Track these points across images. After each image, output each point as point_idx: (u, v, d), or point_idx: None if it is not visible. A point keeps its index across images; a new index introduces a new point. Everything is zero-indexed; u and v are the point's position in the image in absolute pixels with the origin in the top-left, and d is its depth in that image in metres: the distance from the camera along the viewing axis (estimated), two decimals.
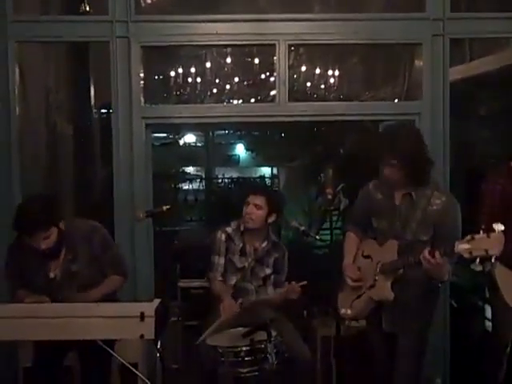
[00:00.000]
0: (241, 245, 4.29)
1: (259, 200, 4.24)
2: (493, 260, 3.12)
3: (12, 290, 3.81)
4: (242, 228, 4.30)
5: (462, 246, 3.12)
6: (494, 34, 4.99)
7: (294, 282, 4.07)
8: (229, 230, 4.32)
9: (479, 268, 3.15)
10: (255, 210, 4.23)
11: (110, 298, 3.74)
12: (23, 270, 3.77)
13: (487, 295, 4.56)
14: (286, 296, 4.07)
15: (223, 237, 4.29)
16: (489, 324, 4.85)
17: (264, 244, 4.33)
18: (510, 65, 5.08)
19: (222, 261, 4.27)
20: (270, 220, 4.30)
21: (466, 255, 3.12)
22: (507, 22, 4.86)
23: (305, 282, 4.01)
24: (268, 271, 4.33)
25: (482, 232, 3.09)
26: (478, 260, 3.10)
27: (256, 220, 4.25)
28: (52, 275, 3.74)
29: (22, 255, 3.72)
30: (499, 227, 3.08)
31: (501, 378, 3.95)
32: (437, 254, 3.24)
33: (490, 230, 3.08)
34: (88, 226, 3.86)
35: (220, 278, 4.26)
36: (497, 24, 4.87)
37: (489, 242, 3.06)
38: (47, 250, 3.60)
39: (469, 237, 3.13)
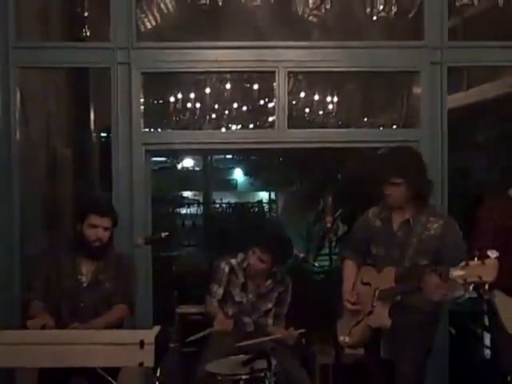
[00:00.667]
0: (242, 280, 4.28)
1: (265, 256, 4.19)
2: (487, 287, 3.13)
3: (28, 298, 3.87)
4: (245, 265, 4.29)
5: (456, 273, 3.13)
6: (491, 63, 5.04)
7: (292, 328, 4.10)
8: (233, 262, 4.31)
9: (474, 295, 3.15)
10: (259, 263, 4.21)
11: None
12: (52, 273, 3.88)
13: (486, 322, 4.55)
14: (283, 340, 4.08)
15: (227, 268, 4.28)
16: (488, 352, 4.84)
17: (268, 282, 4.32)
18: (507, 93, 5.12)
19: (220, 291, 4.27)
20: (275, 269, 4.30)
21: (461, 281, 3.13)
22: (504, 50, 4.91)
23: (303, 330, 4.01)
24: (270, 305, 4.33)
25: (476, 259, 3.11)
26: (472, 287, 3.11)
27: (259, 271, 4.25)
28: (83, 279, 3.88)
29: (54, 259, 3.92)
30: (494, 254, 3.10)
31: None
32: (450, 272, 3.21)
33: (484, 256, 3.09)
34: (121, 251, 4.16)
35: (216, 305, 4.26)
36: (493, 53, 4.92)
37: (483, 268, 3.07)
38: (97, 242, 3.83)
39: (463, 263, 3.14)
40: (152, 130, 5.05)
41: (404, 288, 3.52)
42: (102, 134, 6.51)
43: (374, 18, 4.93)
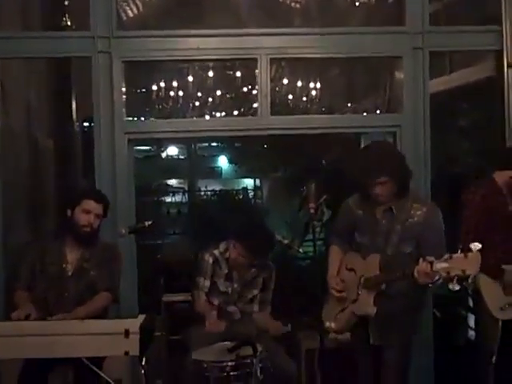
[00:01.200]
0: (226, 270, 4.28)
1: (245, 252, 4.18)
2: (470, 280, 3.16)
3: (13, 287, 3.91)
4: (227, 255, 4.29)
5: (440, 265, 3.16)
6: (473, 47, 5.07)
7: (279, 323, 4.12)
8: (216, 252, 4.30)
9: (457, 287, 3.18)
10: (241, 257, 4.20)
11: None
12: (37, 262, 3.90)
13: (471, 304, 4.60)
14: (269, 330, 4.11)
15: (211, 260, 4.27)
16: (472, 333, 4.89)
17: (252, 270, 4.33)
18: (489, 77, 5.13)
19: (207, 283, 4.26)
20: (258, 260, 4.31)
21: (444, 274, 3.16)
22: (485, 35, 4.94)
23: (289, 329, 4.04)
24: (255, 292, 4.34)
25: (459, 251, 3.14)
26: (455, 279, 3.14)
27: (242, 264, 4.25)
28: (68, 267, 3.90)
29: (40, 248, 3.97)
30: (476, 247, 3.13)
31: None
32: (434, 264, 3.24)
33: (467, 249, 3.13)
34: (107, 240, 4.21)
35: (204, 298, 4.26)
36: (475, 37, 4.95)
37: (466, 262, 3.11)
38: (88, 228, 3.88)
39: (447, 256, 3.16)
40: (135, 118, 5.03)
41: (389, 277, 3.55)
42: (85, 124, 6.47)
43: (357, 3, 4.93)
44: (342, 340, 4.18)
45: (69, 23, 5.56)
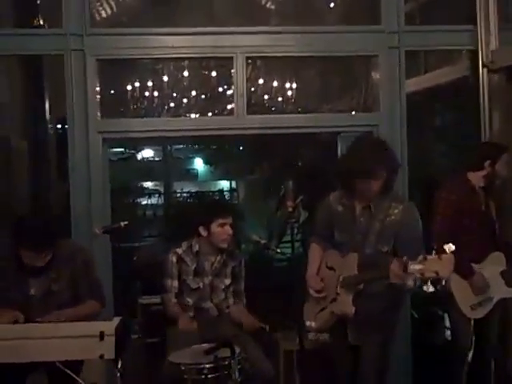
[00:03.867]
0: (194, 265, 4.25)
1: (230, 219, 4.21)
2: (443, 282, 3.16)
3: None
4: (195, 248, 4.27)
5: (414, 267, 3.15)
6: (448, 47, 5.11)
7: (254, 319, 4.10)
8: (179, 251, 4.28)
9: (431, 289, 3.18)
10: (231, 230, 4.20)
11: None
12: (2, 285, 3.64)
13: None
14: (244, 327, 4.09)
15: (174, 259, 4.24)
16: (449, 333, 4.90)
17: (219, 257, 4.30)
18: (464, 76, 5.16)
19: (175, 283, 4.23)
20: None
21: (418, 276, 3.15)
22: (461, 34, 4.98)
23: (266, 326, 4.01)
24: (227, 281, 4.31)
25: (434, 253, 3.14)
26: (429, 281, 3.14)
27: (230, 240, 4.24)
28: (32, 292, 3.67)
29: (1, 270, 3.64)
30: (450, 248, 3.14)
31: None
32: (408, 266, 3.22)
33: (441, 251, 3.12)
34: (74, 247, 3.87)
35: (174, 300, 4.22)
36: (450, 37, 4.98)
37: (440, 264, 3.11)
38: (40, 267, 3.58)
39: (421, 257, 3.16)
40: (109, 118, 4.97)
41: (366, 277, 3.54)
42: (58, 124, 6.38)
43: (332, 4, 4.92)
44: (321, 340, 4.16)
45: (41, 22, 5.46)
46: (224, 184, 14.96)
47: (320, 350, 4.12)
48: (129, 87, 5.38)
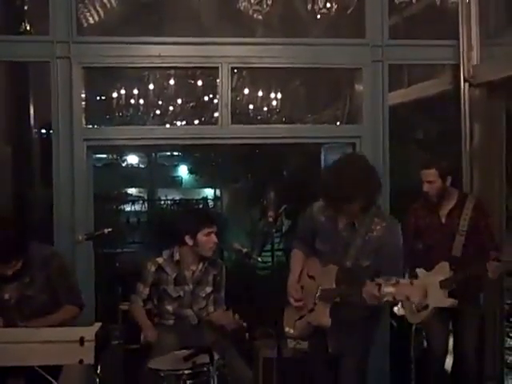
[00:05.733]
0: (174, 274, 4.26)
1: (215, 228, 4.25)
2: (413, 307, 3.21)
3: None
4: (176, 257, 4.28)
5: (387, 289, 3.19)
6: (431, 61, 5.17)
7: (237, 316, 4.10)
8: (160, 260, 4.28)
9: (401, 312, 3.23)
10: (216, 238, 4.23)
11: None
12: None
13: None
14: (226, 325, 4.10)
15: (153, 268, 4.24)
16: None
17: (200, 265, 4.32)
18: (446, 90, 5.24)
19: (146, 290, 4.24)
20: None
21: (390, 299, 3.19)
22: (443, 49, 5.05)
23: (239, 319, 4.04)
24: (208, 289, 4.33)
25: (406, 277, 3.19)
26: (400, 304, 3.18)
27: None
28: (7, 297, 3.66)
29: None
30: (422, 274, 3.19)
31: None
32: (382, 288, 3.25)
33: (413, 276, 3.18)
34: (48, 251, 3.84)
35: (141, 304, 4.23)
36: (433, 51, 5.06)
37: (411, 289, 3.16)
38: (11, 275, 3.57)
39: (394, 281, 3.20)
40: (94, 126, 4.98)
41: (342, 292, 3.57)
42: (43, 131, 6.38)
43: (318, 16, 4.98)
44: (300, 349, 4.19)
45: (28, 28, 5.47)
46: (208, 192, 14.93)
47: (299, 358, 4.15)
48: (114, 95, 5.41)
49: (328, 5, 4.67)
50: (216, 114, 5.03)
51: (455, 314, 4.32)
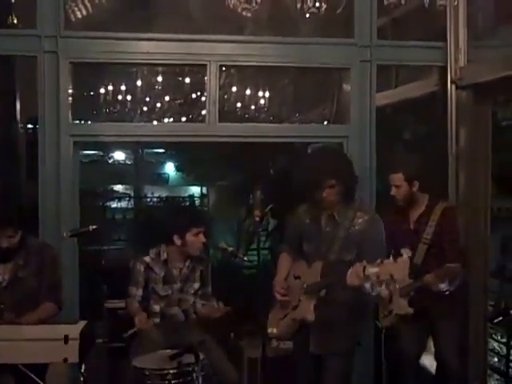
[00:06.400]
0: (162, 273, 4.26)
1: (204, 227, 4.25)
2: (397, 286, 3.22)
3: None
4: (163, 256, 4.28)
5: (371, 270, 3.21)
6: (418, 62, 5.19)
7: (221, 304, 4.12)
8: (147, 259, 4.28)
9: (385, 293, 3.24)
10: (204, 238, 4.23)
11: None
12: None
13: None
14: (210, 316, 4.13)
15: (142, 268, 4.24)
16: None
17: (187, 263, 4.32)
18: (433, 92, 5.26)
19: (139, 292, 4.23)
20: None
21: (374, 278, 3.21)
22: (431, 50, 5.07)
23: (228, 308, 4.04)
24: (196, 286, 4.34)
25: (391, 257, 3.21)
26: (384, 284, 3.19)
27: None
28: (0, 279, 3.74)
29: None
30: (407, 253, 3.20)
31: None
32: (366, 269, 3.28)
33: (398, 254, 3.20)
34: (42, 242, 4.03)
35: (136, 305, 4.21)
36: (421, 52, 5.08)
37: (395, 266, 3.19)
38: (6, 249, 3.66)
39: (378, 261, 3.22)
40: (81, 121, 4.95)
41: (326, 282, 3.58)
42: (29, 126, 6.33)
43: (307, 15, 4.97)
44: (285, 348, 4.20)
45: (15, 21, 5.42)
46: (195, 190, 14.89)
47: (284, 357, 4.16)
48: (102, 90, 5.37)
49: (317, 4, 4.66)
50: (204, 112, 5.02)
51: (432, 318, 4.31)
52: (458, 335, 4.45)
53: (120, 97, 5.43)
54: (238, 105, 5.62)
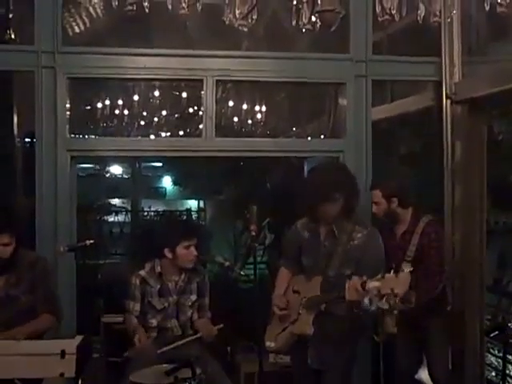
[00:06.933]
0: (158, 286, 4.25)
1: (195, 240, 4.21)
2: (397, 300, 3.23)
3: None
4: (158, 269, 4.27)
5: (372, 284, 3.23)
6: (413, 77, 5.23)
7: (214, 328, 4.09)
8: (142, 273, 4.27)
9: (386, 306, 3.25)
10: (195, 251, 4.20)
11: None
12: None
13: None
14: (204, 337, 4.08)
15: (138, 281, 4.23)
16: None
17: (183, 276, 4.31)
18: (428, 107, 5.29)
19: (137, 307, 4.22)
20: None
21: (375, 293, 3.22)
22: (426, 66, 5.11)
23: (221, 325, 4.02)
24: (193, 298, 4.31)
25: (392, 271, 3.22)
26: (385, 298, 3.20)
27: (195, 260, 4.25)
28: None
29: None
30: (408, 268, 3.21)
31: None
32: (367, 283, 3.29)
33: (399, 269, 3.21)
34: (34, 255, 3.95)
35: (135, 321, 4.20)
36: (416, 67, 5.11)
37: (396, 281, 3.20)
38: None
39: (379, 275, 3.24)
40: (78, 136, 4.97)
41: (326, 297, 3.59)
42: (26, 140, 6.34)
43: (303, 30, 5.01)
44: (282, 363, 4.19)
45: (13, 36, 5.45)
46: (192, 203, 14.91)
47: (281, 372, 4.15)
48: (99, 105, 5.40)
49: (313, 19, 4.69)
50: (201, 126, 5.04)
51: (424, 334, 4.30)
52: (447, 350, 4.45)
53: (117, 111, 5.46)
54: (235, 119, 5.66)
